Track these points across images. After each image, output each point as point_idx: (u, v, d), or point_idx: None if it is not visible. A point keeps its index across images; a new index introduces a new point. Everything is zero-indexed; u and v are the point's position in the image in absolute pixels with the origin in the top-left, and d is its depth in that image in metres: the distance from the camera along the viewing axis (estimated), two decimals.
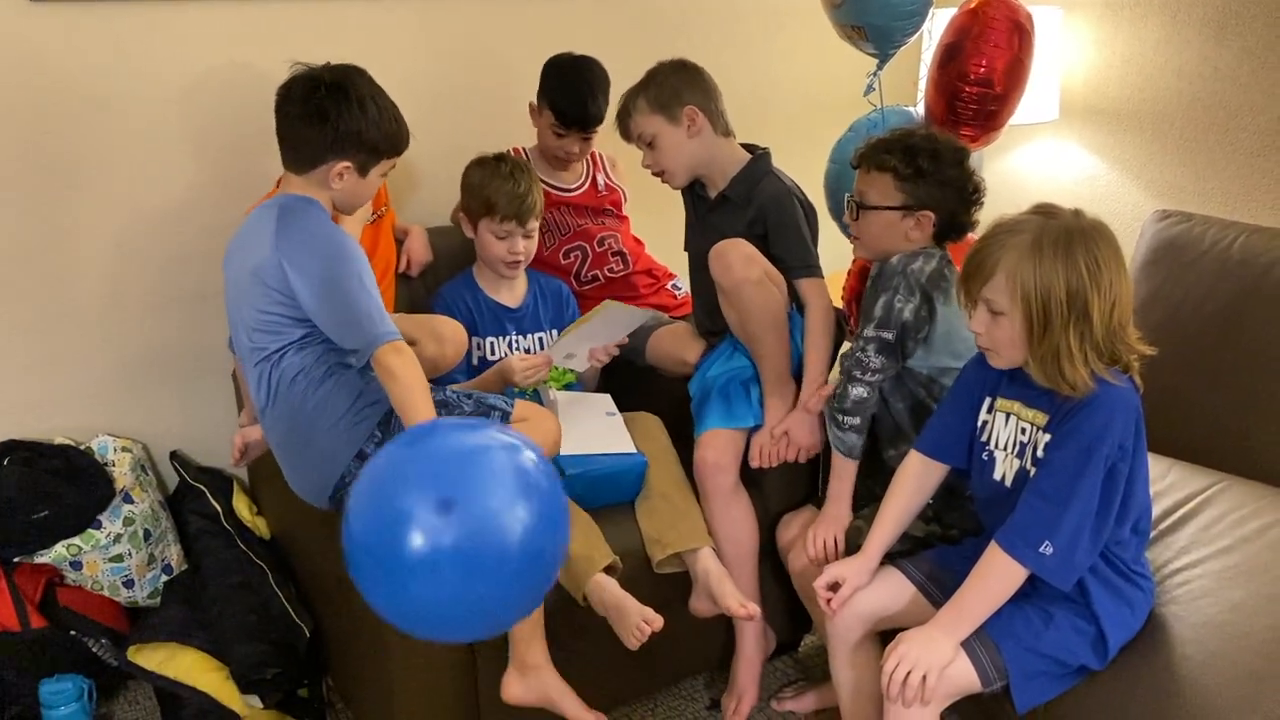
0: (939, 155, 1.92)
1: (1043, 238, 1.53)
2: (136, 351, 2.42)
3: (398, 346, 1.70)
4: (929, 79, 2.47)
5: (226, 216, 2.25)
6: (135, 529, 2.25)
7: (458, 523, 1.30)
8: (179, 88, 2.32)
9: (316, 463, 1.83)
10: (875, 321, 1.91)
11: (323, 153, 1.78)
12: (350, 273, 1.74)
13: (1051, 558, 1.55)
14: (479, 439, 1.44)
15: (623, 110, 2.19)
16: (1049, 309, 1.52)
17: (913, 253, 1.92)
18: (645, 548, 2.03)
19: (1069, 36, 2.92)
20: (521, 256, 2.29)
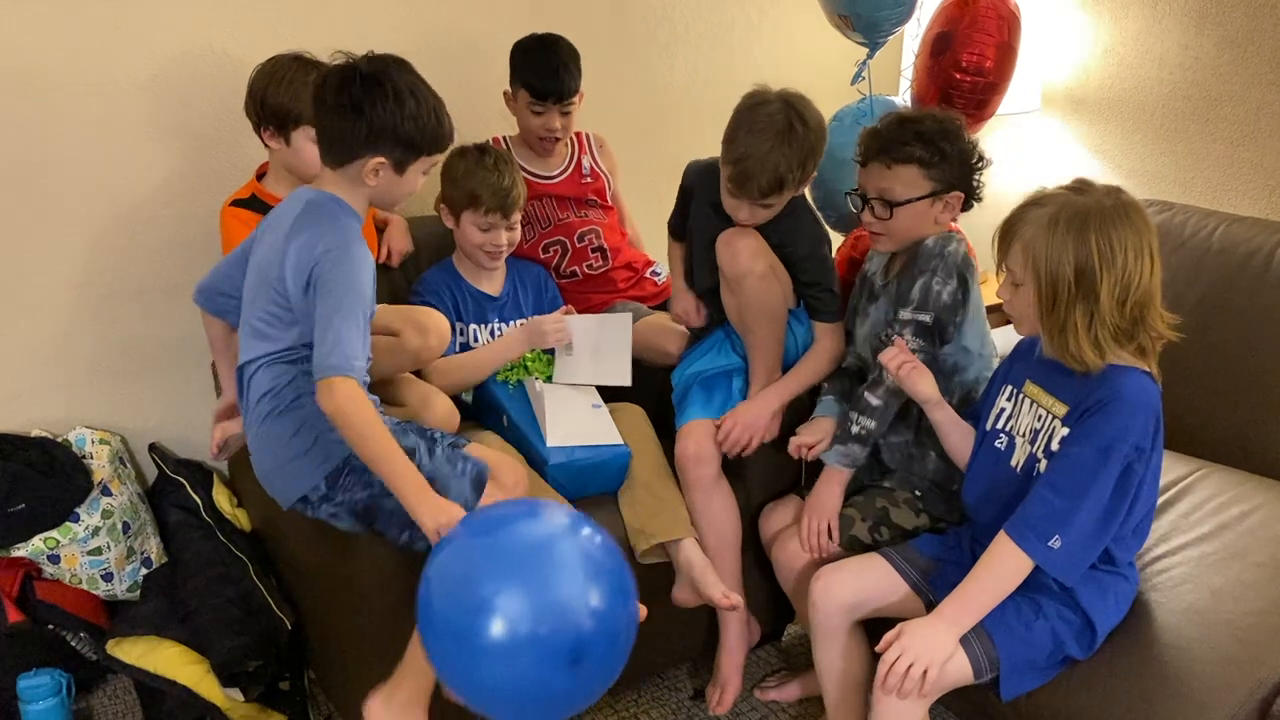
0: (950, 134, 1.90)
1: (1061, 214, 1.53)
2: (114, 343, 2.39)
3: (334, 386, 1.59)
4: (919, 68, 2.47)
5: (203, 206, 2.28)
6: (114, 522, 2.23)
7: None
8: (151, 74, 2.28)
9: (274, 476, 1.80)
10: (913, 304, 1.89)
11: (357, 148, 1.69)
12: (349, 290, 1.65)
13: (1059, 552, 1.55)
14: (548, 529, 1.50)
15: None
16: (1057, 285, 1.53)
17: (943, 235, 1.91)
18: (628, 538, 2.03)
19: (1050, 26, 2.92)
20: (504, 248, 2.28)
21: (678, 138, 2.85)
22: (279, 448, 1.75)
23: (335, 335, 1.61)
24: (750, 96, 1.99)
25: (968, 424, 1.85)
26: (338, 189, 1.75)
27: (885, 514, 1.94)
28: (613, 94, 2.87)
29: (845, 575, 1.84)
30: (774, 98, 1.95)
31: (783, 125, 1.91)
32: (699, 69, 2.99)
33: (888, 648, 1.58)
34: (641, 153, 2.87)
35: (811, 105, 1.99)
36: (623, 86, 2.91)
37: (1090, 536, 1.56)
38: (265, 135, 2.10)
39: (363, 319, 1.66)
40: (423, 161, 1.77)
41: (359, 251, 1.69)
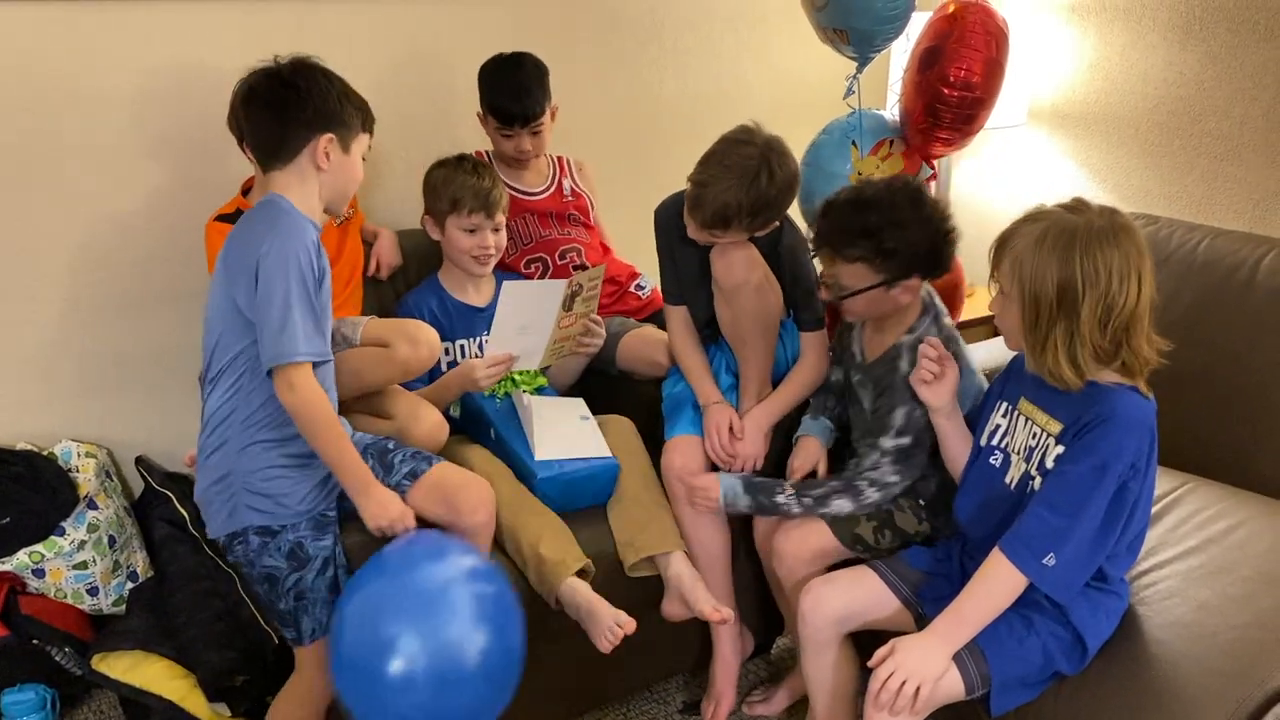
0: (901, 222, 1.82)
1: (1050, 231, 1.53)
2: (101, 355, 2.39)
3: (292, 379, 1.62)
4: (907, 82, 2.48)
5: (190, 219, 2.26)
6: (99, 535, 2.22)
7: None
8: (138, 86, 2.29)
9: (202, 503, 1.80)
10: (894, 430, 1.88)
11: (303, 132, 1.71)
12: (296, 279, 1.64)
13: (1053, 570, 1.55)
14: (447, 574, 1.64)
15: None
16: (1039, 302, 1.53)
17: (911, 343, 1.87)
18: (617, 551, 2.03)
19: (1036, 42, 2.94)
20: (492, 250, 2.27)
21: (667, 152, 2.84)
22: (206, 482, 1.77)
23: (281, 320, 1.61)
24: (739, 131, 2.00)
25: (971, 435, 1.84)
26: (287, 190, 1.74)
27: (890, 517, 1.94)
28: (601, 108, 2.88)
29: (836, 589, 1.84)
30: (758, 142, 1.96)
31: (751, 172, 1.93)
32: (688, 83, 3.00)
33: (880, 664, 1.58)
34: (630, 167, 2.90)
35: (789, 161, 1.99)
36: (611, 101, 2.92)
37: (1085, 554, 1.55)
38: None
39: (314, 308, 1.66)
40: (362, 139, 1.80)
41: (300, 248, 1.66)
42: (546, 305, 2.13)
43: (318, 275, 1.68)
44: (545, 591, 1.92)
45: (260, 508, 1.72)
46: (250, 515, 1.72)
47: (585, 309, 2.21)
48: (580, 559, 1.93)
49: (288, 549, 1.74)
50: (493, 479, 2.00)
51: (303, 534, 1.75)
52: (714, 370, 2.19)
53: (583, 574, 1.93)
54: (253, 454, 1.71)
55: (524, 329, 2.15)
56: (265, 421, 1.71)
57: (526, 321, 2.15)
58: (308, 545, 1.75)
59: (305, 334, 1.63)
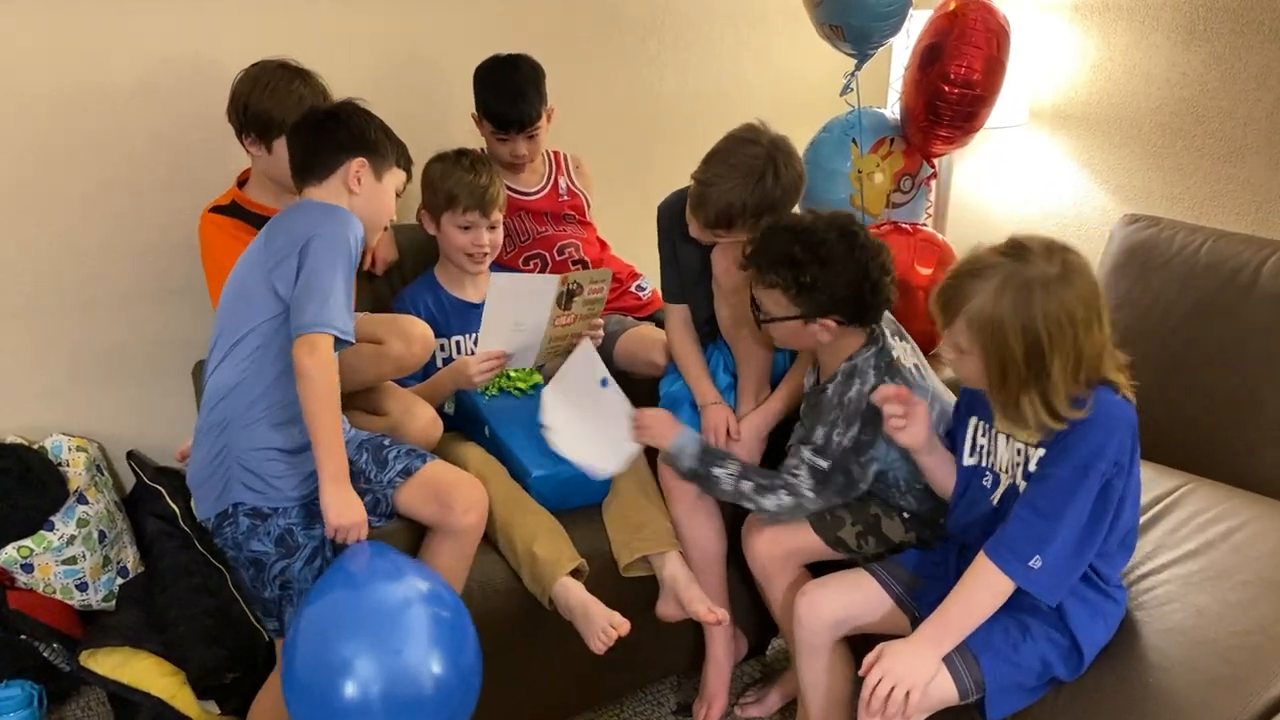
0: (825, 260, 1.77)
1: (1005, 288, 1.48)
2: (93, 348, 2.37)
3: (317, 344, 1.63)
4: (908, 80, 2.46)
5: (185, 211, 2.24)
6: (89, 530, 2.20)
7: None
8: (136, 79, 2.26)
9: (193, 485, 1.79)
10: (813, 447, 1.85)
11: (338, 152, 1.78)
12: (344, 261, 1.69)
13: (1039, 573, 1.53)
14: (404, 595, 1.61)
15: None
16: (1006, 368, 1.50)
17: (845, 374, 1.84)
18: (612, 551, 2.01)
19: (1038, 41, 2.92)
20: (486, 248, 2.25)
21: (666, 150, 2.88)
22: (200, 459, 1.76)
23: (325, 292, 1.64)
24: (744, 129, 1.98)
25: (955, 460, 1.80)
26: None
27: (876, 522, 1.92)
28: (601, 106, 2.87)
29: (831, 591, 1.82)
30: (764, 141, 1.94)
31: (757, 171, 1.90)
32: (688, 81, 2.98)
33: (869, 670, 1.56)
34: (628, 165, 2.88)
35: (795, 161, 1.96)
36: (610, 98, 2.90)
37: (1070, 556, 1.54)
38: (246, 142, 2.09)
39: (350, 295, 1.68)
40: (395, 173, 1.85)
41: (352, 236, 1.71)
42: (539, 302, 2.11)
43: (355, 261, 1.72)
44: (538, 591, 1.90)
45: (253, 486, 1.71)
46: (242, 493, 1.71)
47: (588, 310, 2.19)
48: (574, 558, 1.92)
49: (277, 535, 1.73)
50: (487, 477, 1.98)
51: (293, 521, 1.74)
52: (712, 370, 2.18)
53: (577, 574, 1.91)
54: (253, 432, 1.71)
55: (517, 325, 2.13)
56: (272, 402, 1.71)
57: (519, 317, 2.13)
58: (298, 533, 1.74)
59: (340, 311, 1.65)
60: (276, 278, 1.69)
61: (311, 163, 1.80)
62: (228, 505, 1.72)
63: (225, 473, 1.72)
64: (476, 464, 2.04)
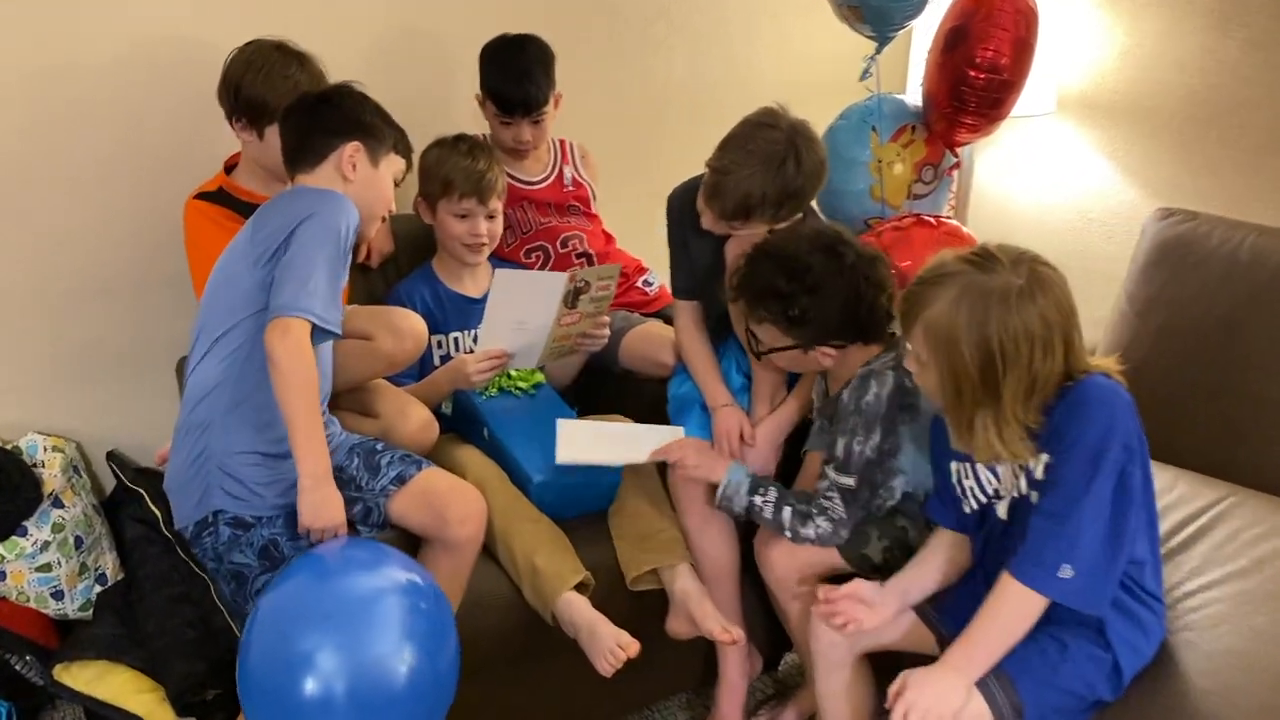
0: (813, 288, 1.70)
1: (962, 301, 1.41)
2: (71, 343, 2.28)
3: (290, 327, 1.52)
4: (931, 64, 2.34)
5: (168, 199, 2.16)
6: (65, 536, 2.10)
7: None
8: (115, 57, 2.16)
9: (183, 497, 1.69)
10: (835, 464, 1.76)
11: (331, 137, 1.71)
12: (333, 247, 1.60)
13: (1074, 581, 1.43)
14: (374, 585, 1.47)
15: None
16: (960, 383, 1.43)
17: (860, 383, 1.75)
18: (619, 563, 1.91)
19: (1065, 27, 2.81)
20: (484, 238, 2.16)
21: (675, 137, 2.85)
22: (179, 463, 1.67)
23: (306, 274, 1.55)
24: (762, 113, 1.88)
25: (930, 572, 1.69)
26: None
27: (904, 536, 1.81)
28: (606, 92, 2.77)
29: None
30: (784, 126, 1.84)
31: (776, 158, 1.81)
32: (698, 65, 2.88)
33: (895, 701, 1.45)
34: (634, 153, 2.79)
35: (817, 147, 1.86)
36: (617, 84, 2.80)
37: (1103, 557, 1.43)
38: (237, 126, 2.01)
39: (337, 280, 1.60)
40: (392, 159, 1.78)
41: (344, 222, 1.63)
42: (545, 299, 2.01)
43: (345, 255, 1.64)
44: (540, 606, 1.79)
45: (234, 493, 1.62)
46: (222, 499, 1.61)
47: (594, 309, 2.08)
48: (579, 571, 1.82)
49: (260, 546, 1.64)
50: (485, 483, 1.89)
51: (278, 531, 1.64)
52: (724, 370, 2.08)
53: (582, 588, 1.82)
54: (235, 434, 1.62)
55: (521, 324, 2.03)
56: (256, 403, 1.61)
57: (523, 315, 2.03)
58: (283, 544, 1.64)
59: (323, 297, 1.56)
60: (263, 269, 1.60)
61: (303, 148, 1.73)
62: (207, 513, 1.62)
63: (205, 477, 1.62)
64: (474, 469, 1.94)
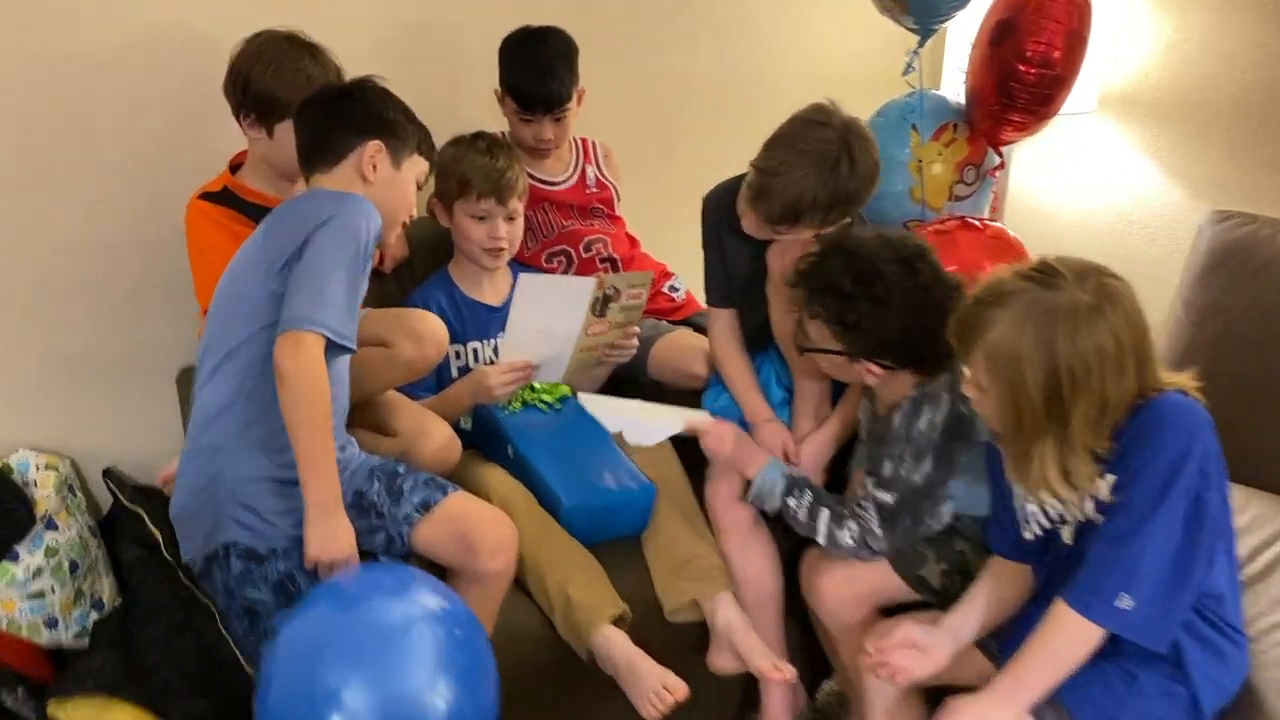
0: (881, 300, 1.61)
1: (1027, 321, 1.33)
2: (65, 353, 2.18)
3: (303, 341, 1.42)
4: (976, 59, 2.24)
5: (168, 199, 2.06)
6: (59, 560, 1.99)
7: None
8: (113, 49, 2.06)
9: (192, 528, 1.58)
10: (878, 480, 1.66)
11: (351, 135, 1.61)
12: (351, 255, 1.49)
13: (1134, 612, 1.34)
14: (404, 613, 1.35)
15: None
16: (1021, 414, 1.36)
17: (913, 407, 1.65)
18: (655, 591, 1.80)
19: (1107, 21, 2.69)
20: (504, 242, 2.05)
21: (698, 136, 2.75)
22: (187, 492, 1.56)
23: (321, 284, 1.44)
24: (813, 110, 1.77)
25: (986, 608, 1.60)
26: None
27: (963, 559, 1.71)
28: (626, 87, 2.67)
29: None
30: (836, 124, 1.73)
31: (829, 159, 1.70)
32: (722, 59, 2.77)
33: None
34: (655, 153, 2.70)
35: (872, 148, 1.76)
36: (637, 78, 2.69)
37: (1167, 588, 1.34)
38: (244, 123, 1.91)
39: (354, 291, 1.50)
40: (415, 160, 1.69)
41: (365, 227, 1.52)
42: (571, 306, 1.89)
43: (365, 263, 1.54)
44: (575, 641, 1.69)
45: (247, 523, 1.51)
46: (234, 530, 1.51)
47: (625, 318, 1.97)
48: (615, 604, 1.71)
49: (275, 580, 1.53)
50: (512, 506, 1.78)
51: (294, 564, 1.53)
52: (763, 383, 1.98)
53: (619, 621, 1.71)
54: (247, 459, 1.51)
55: (546, 332, 1.92)
56: (272, 426, 1.50)
57: (548, 324, 1.91)
58: (299, 579, 1.53)
59: (338, 309, 1.46)
60: (277, 280, 1.48)
61: (321, 146, 1.63)
62: (218, 546, 1.52)
63: (215, 506, 1.51)
64: (500, 491, 1.83)
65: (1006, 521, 1.58)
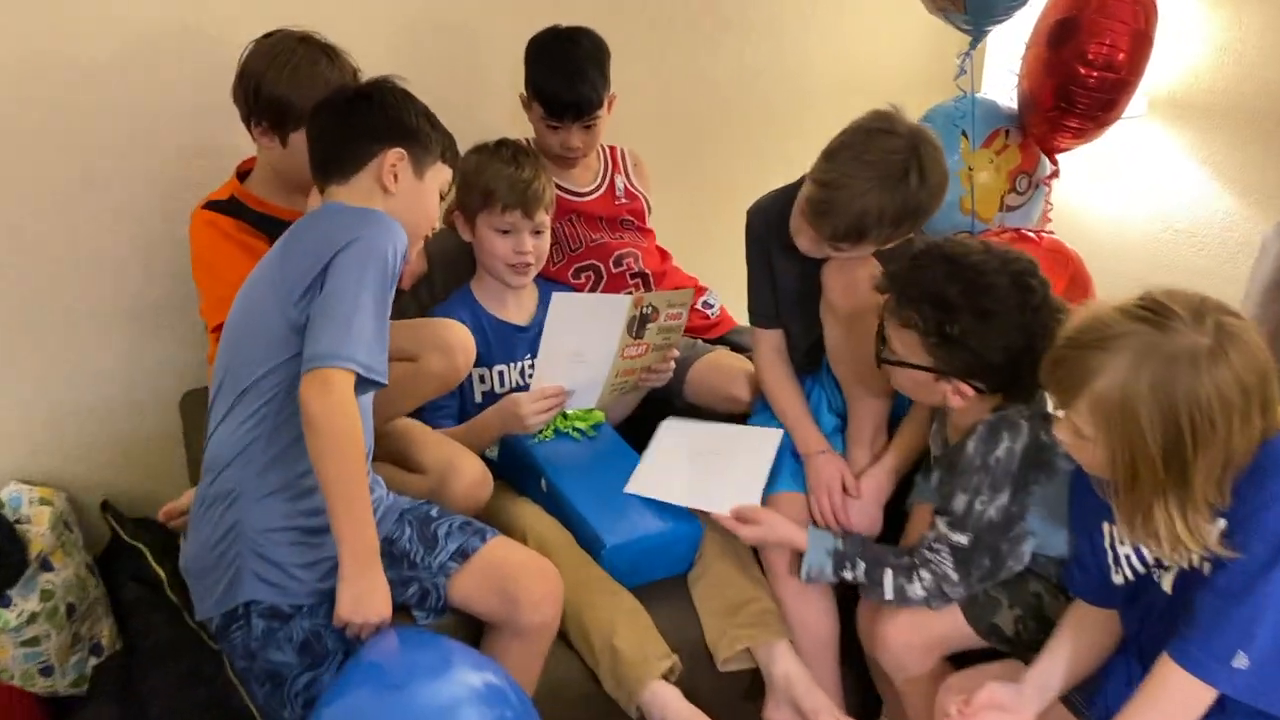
0: (988, 315, 1.46)
1: (1141, 370, 1.20)
2: (58, 377, 2.11)
3: (332, 380, 1.29)
4: (1032, 61, 2.14)
5: (171, 212, 2.02)
6: (55, 604, 1.90)
7: None
8: (112, 52, 1.99)
9: (189, 575, 1.47)
10: (950, 519, 1.54)
11: (370, 142, 1.49)
12: (369, 260, 1.37)
13: (1248, 673, 1.23)
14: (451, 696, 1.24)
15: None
16: (1137, 469, 1.23)
17: (990, 431, 1.52)
18: (702, 635, 1.68)
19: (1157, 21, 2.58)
20: (530, 257, 1.93)
21: (722, 143, 2.65)
22: (201, 543, 1.43)
23: (348, 315, 1.32)
24: (875, 119, 1.64)
25: (1072, 660, 1.48)
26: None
27: (1038, 603, 1.59)
28: (647, 91, 2.56)
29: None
30: (903, 132, 1.60)
31: (897, 170, 1.57)
32: (753, 62, 2.65)
33: None
34: (680, 161, 2.60)
35: (941, 157, 1.63)
36: (659, 83, 2.59)
37: None
38: (256, 131, 1.81)
39: (383, 318, 1.37)
40: (439, 169, 1.57)
41: (390, 247, 1.39)
42: (607, 326, 1.78)
43: (391, 288, 1.41)
44: (622, 697, 1.56)
45: (269, 578, 1.39)
46: (255, 587, 1.38)
47: (664, 340, 1.85)
48: (665, 655, 1.59)
49: (300, 640, 1.40)
50: (550, 548, 1.66)
51: (320, 622, 1.41)
52: (813, 409, 1.85)
53: (668, 673, 1.58)
54: (269, 506, 1.39)
55: (579, 355, 1.80)
56: (296, 470, 1.38)
57: (581, 345, 1.79)
58: (326, 637, 1.40)
59: (367, 342, 1.34)
60: (296, 310, 1.35)
61: (337, 155, 1.50)
62: (237, 604, 1.38)
63: (234, 560, 1.38)
64: (536, 530, 1.71)
65: (1091, 563, 1.47)
